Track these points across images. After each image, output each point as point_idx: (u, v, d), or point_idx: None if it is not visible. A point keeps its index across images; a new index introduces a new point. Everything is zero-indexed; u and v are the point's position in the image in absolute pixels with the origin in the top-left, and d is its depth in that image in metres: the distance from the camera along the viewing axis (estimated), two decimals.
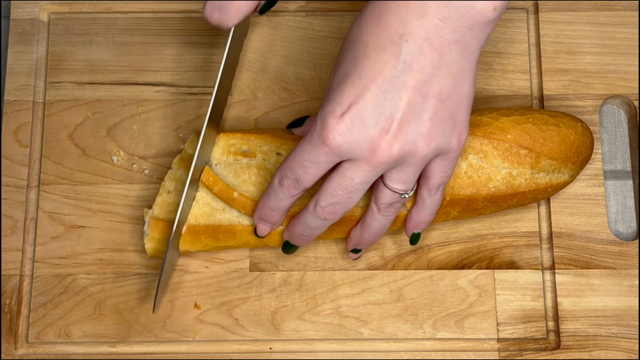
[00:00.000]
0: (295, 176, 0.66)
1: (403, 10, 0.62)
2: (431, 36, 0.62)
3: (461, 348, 0.75)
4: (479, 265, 0.77)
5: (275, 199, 0.69)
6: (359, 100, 0.62)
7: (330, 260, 0.77)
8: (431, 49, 0.62)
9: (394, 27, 0.62)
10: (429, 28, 0.62)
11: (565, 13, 0.83)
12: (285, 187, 0.68)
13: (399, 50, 0.62)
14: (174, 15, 0.83)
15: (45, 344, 0.76)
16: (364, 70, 0.62)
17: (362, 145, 0.63)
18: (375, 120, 0.62)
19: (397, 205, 0.69)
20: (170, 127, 0.80)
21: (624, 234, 0.80)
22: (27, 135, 0.80)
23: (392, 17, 0.62)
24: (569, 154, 0.74)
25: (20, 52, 0.82)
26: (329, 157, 0.64)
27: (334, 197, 0.66)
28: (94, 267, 0.77)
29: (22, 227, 0.78)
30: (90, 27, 0.83)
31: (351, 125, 0.63)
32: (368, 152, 0.63)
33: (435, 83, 0.63)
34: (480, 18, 0.62)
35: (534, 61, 0.82)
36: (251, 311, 0.76)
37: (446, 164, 0.67)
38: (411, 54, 0.62)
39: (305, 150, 0.65)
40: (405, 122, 0.63)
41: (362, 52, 0.63)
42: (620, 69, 0.81)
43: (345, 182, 0.65)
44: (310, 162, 0.65)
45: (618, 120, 0.82)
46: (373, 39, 0.63)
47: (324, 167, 0.65)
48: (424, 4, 0.62)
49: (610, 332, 0.75)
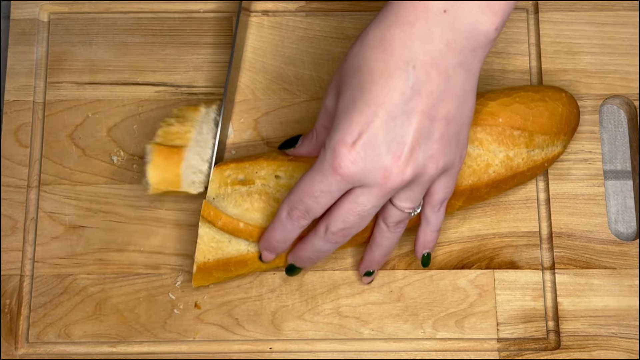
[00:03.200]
0: (305, 207, 0.66)
1: (407, 36, 0.62)
2: (437, 61, 0.62)
3: (461, 348, 0.75)
4: (479, 265, 0.77)
5: (282, 231, 0.69)
6: (369, 128, 0.62)
7: (330, 260, 0.77)
8: (438, 74, 0.62)
9: (399, 54, 0.62)
10: (434, 53, 0.62)
11: (565, 13, 0.83)
12: (295, 219, 0.67)
13: (406, 76, 0.62)
14: (174, 15, 0.83)
15: (45, 344, 0.76)
16: (371, 97, 0.62)
17: (375, 172, 0.63)
18: (387, 147, 0.63)
19: (405, 222, 0.70)
20: None
21: (624, 234, 0.80)
22: (27, 136, 0.80)
23: (397, 43, 0.62)
24: (560, 126, 0.75)
25: (21, 52, 0.82)
26: (340, 185, 0.64)
27: (346, 223, 0.67)
28: (94, 267, 0.77)
29: (22, 227, 0.78)
30: (90, 27, 0.83)
31: (363, 153, 0.63)
32: (381, 179, 0.63)
33: (442, 106, 0.63)
34: (483, 39, 0.63)
35: (534, 61, 0.82)
36: (251, 311, 0.76)
37: (449, 180, 0.68)
38: (419, 80, 0.62)
39: (316, 180, 0.65)
40: (416, 146, 0.63)
41: (368, 79, 0.63)
42: (620, 69, 0.81)
43: (358, 208, 0.66)
44: (322, 192, 0.65)
45: (618, 120, 0.82)
46: (379, 65, 0.63)
47: (335, 196, 0.65)
48: (427, 30, 0.62)
49: (610, 332, 0.75)
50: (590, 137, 0.80)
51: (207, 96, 0.81)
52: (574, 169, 0.79)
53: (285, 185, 0.72)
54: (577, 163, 0.79)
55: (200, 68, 0.82)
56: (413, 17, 0.62)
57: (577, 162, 0.79)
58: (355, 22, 0.83)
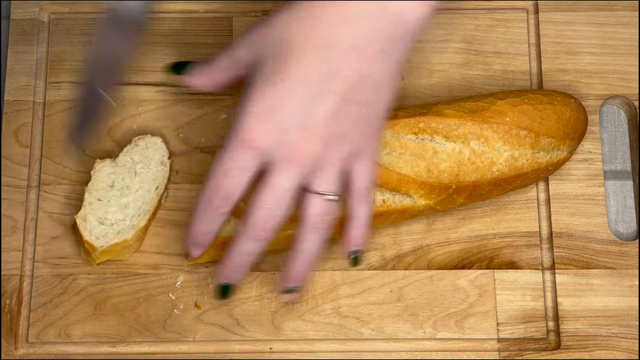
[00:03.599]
0: (223, 192, 0.66)
1: (335, 17, 0.63)
2: (359, 45, 0.63)
3: (461, 348, 0.75)
4: (479, 266, 0.77)
5: (205, 222, 0.68)
6: (283, 103, 0.63)
7: (330, 260, 0.77)
8: (358, 58, 0.63)
9: (325, 33, 0.63)
10: (359, 37, 0.62)
11: (565, 13, 0.83)
12: (215, 207, 0.67)
13: (327, 56, 0.62)
14: (174, 15, 0.83)
15: (45, 344, 0.75)
16: (289, 72, 0.63)
17: (285, 146, 0.63)
18: (299, 123, 0.63)
19: (326, 218, 0.67)
20: (170, 127, 0.80)
21: (624, 234, 0.80)
22: (27, 135, 0.80)
23: (324, 22, 0.63)
24: (567, 131, 0.75)
25: (21, 52, 0.82)
26: (254, 159, 0.64)
27: (263, 209, 0.65)
28: (94, 267, 0.77)
29: (22, 227, 0.78)
30: (90, 27, 0.83)
31: (275, 126, 0.63)
32: (292, 153, 0.63)
33: (359, 90, 0.63)
34: (410, 27, 0.64)
35: (534, 61, 0.82)
36: (251, 311, 0.76)
37: (365, 166, 0.67)
38: (339, 61, 0.62)
39: (228, 158, 0.64)
40: (327, 125, 0.63)
41: (289, 53, 0.63)
42: (620, 69, 0.81)
43: (274, 191, 0.65)
44: (236, 170, 0.65)
45: (618, 121, 0.82)
46: (301, 40, 0.63)
47: (249, 173, 0.65)
48: (355, 12, 0.62)
49: (610, 332, 0.75)
50: (590, 137, 0.80)
51: (207, 96, 0.81)
52: (574, 169, 0.79)
53: None
54: (577, 163, 0.79)
55: None
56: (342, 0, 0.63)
57: (577, 162, 0.79)
58: None
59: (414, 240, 0.78)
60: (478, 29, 0.83)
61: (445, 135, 0.73)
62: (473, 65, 0.82)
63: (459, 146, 0.73)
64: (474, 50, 0.82)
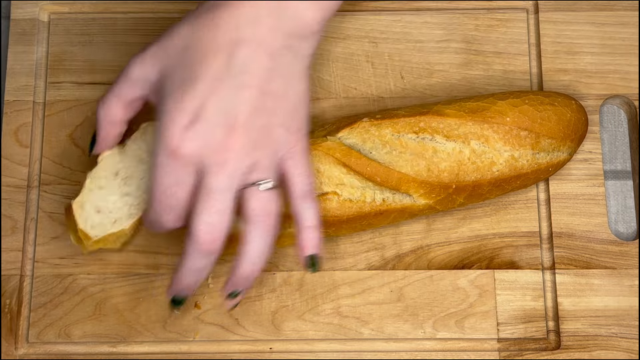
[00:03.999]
0: (172, 215, 0.65)
1: (235, 17, 0.64)
2: (263, 42, 0.64)
3: (461, 348, 0.75)
4: (479, 265, 0.77)
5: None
6: (201, 105, 0.63)
7: (330, 260, 0.77)
8: (264, 53, 0.64)
9: (229, 33, 0.64)
10: (261, 35, 0.64)
11: (565, 13, 0.83)
12: (165, 222, 0.66)
13: (233, 53, 0.64)
14: (174, 16, 0.83)
15: (45, 344, 0.75)
16: (201, 74, 0.63)
17: (213, 148, 0.63)
18: (220, 121, 0.63)
19: (268, 211, 0.66)
20: None
21: (624, 234, 0.80)
22: (27, 135, 0.80)
23: (226, 23, 0.64)
24: (567, 132, 0.75)
25: (21, 52, 0.82)
26: (186, 169, 0.64)
27: (207, 220, 0.64)
28: (94, 267, 0.77)
29: (22, 227, 0.78)
30: (90, 27, 0.83)
31: (198, 131, 0.63)
32: (220, 153, 0.63)
33: (272, 83, 0.64)
34: (308, 28, 0.66)
35: (534, 61, 0.82)
36: (251, 311, 0.76)
37: (299, 164, 0.67)
38: (247, 57, 0.64)
39: (161, 175, 0.64)
40: (248, 118, 0.64)
41: (197, 57, 0.64)
42: (620, 69, 0.81)
43: (211, 197, 0.64)
44: (175, 185, 0.64)
45: (618, 120, 0.82)
46: (208, 43, 0.64)
47: (187, 185, 0.64)
48: (256, 13, 0.64)
49: (610, 332, 0.75)
50: (591, 137, 0.80)
51: None
52: (574, 169, 0.79)
53: None
54: (577, 163, 0.79)
55: None
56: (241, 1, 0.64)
57: (577, 162, 0.79)
58: (355, 22, 0.83)
59: (414, 240, 0.78)
60: (478, 29, 0.83)
61: (445, 134, 0.73)
62: (473, 65, 0.82)
63: (459, 146, 0.73)
64: (474, 50, 0.82)
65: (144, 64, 0.67)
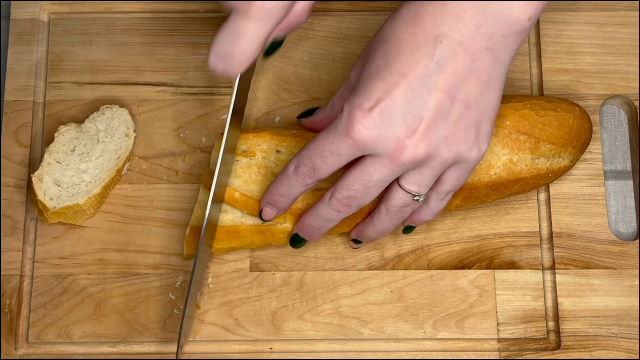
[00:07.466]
0: (312, 165, 0.66)
1: (439, 13, 0.62)
2: (465, 40, 0.62)
3: (461, 348, 0.75)
4: (479, 265, 0.77)
5: (287, 185, 0.68)
6: (388, 96, 0.62)
7: (330, 260, 0.77)
8: (464, 53, 0.62)
9: (430, 28, 0.62)
10: (463, 32, 0.62)
11: (565, 13, 0.83)
12: (300, 175, 0.67)
13: (433, 50, 0.62)
14: (174, 15, 0.83)
15: (45, 344, 0.76)
16: (396, 66, 0.62)
17: (388, 142, 0.63)
18: (403, 118, 0.62)
19: (406, 210, 0.69)
20: (170, 127, 0.80)
21: (624, 234, 0.80)
22: (27, 135, 0.80)
23: (429, 18, 0.62)
24: (569, 138, 0.74)
25: (21, 52, 0.82)
26: (350, 150, 0.64)
27: (350, 191, 0.66)
28: (94, 267, 0.77)
29: (22, 227, 0.78)
30: (90, 27, 0.83)
31: (378, 120, 0.62)
32: (392, 150, 0.63)
33: (464, 88, 0.63)
34: (515, 27, 0.63)
35: (534, 61, 0.82)
36: (251, 311, 0.76)
37: (461, 173, 0.67)
38: (444, 56, 0.62)
39: (328, 140, 0.64)
40: (432, 124, 0.63)
41: (395, 49, 0.63)
42: (620, 69, 0.81)
43: (364, 177, 0.65)
44: (330, 153, 0.64)
45: (618, 120, 0.82)
46: (407, 37, 0.63)
47: (343, 160, 0.65)
48: (460, 9, 0.62)
49: (610, 332, 0.75)
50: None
51: (207, 96, 0.81)
52: (574, 169, 0.79)
53: (284, 160, 0.73)
54: (577, 163, 0.79)
55: (200, 68, 0.82)
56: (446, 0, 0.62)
57: (577, 162, 0.79)
58: (355, 22, 0.83)
59: (414, 240, 0.78)
60: None
61: None
62: None
63: None
64: None
65: (356, 65, 0.68)
